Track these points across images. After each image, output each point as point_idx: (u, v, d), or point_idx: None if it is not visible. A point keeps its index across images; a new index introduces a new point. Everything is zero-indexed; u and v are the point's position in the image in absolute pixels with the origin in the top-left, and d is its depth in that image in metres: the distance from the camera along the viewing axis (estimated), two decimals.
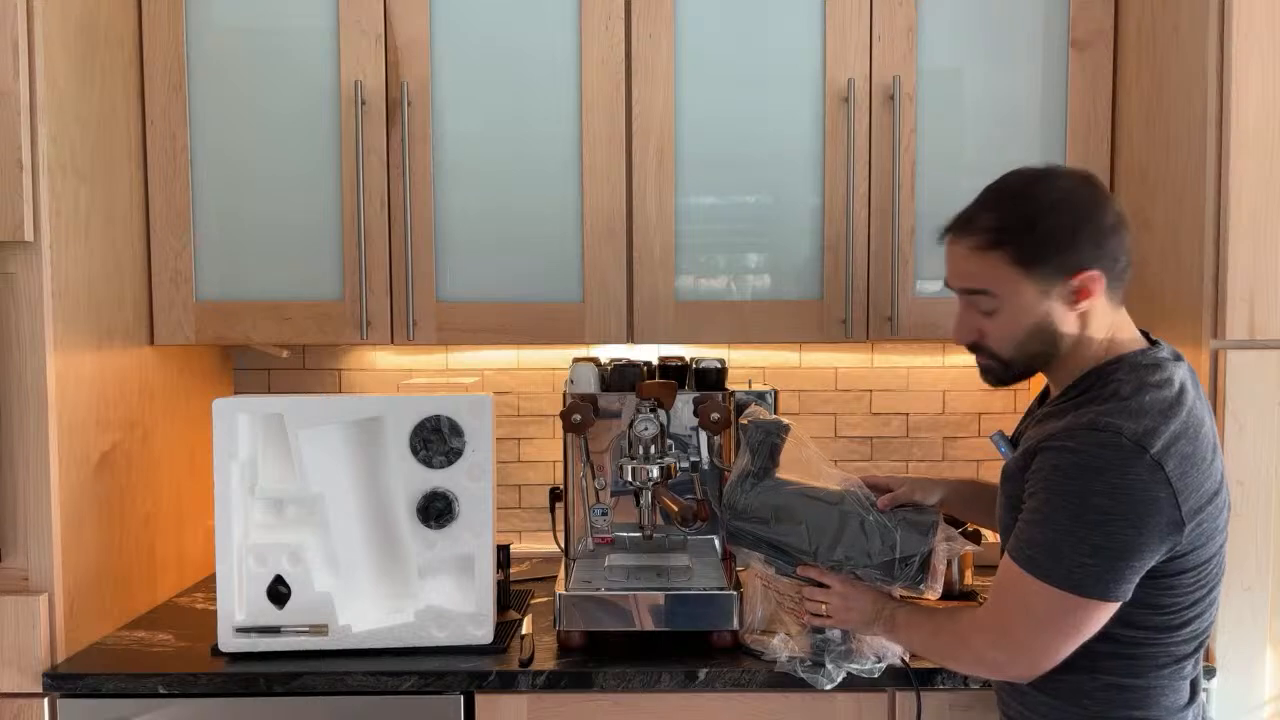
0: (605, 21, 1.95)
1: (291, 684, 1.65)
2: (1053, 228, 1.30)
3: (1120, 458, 1.20)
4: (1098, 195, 1.34)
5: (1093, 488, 1.21)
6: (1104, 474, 1.20)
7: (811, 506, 1.60)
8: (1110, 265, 1.31)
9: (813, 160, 1.98)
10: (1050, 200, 1.31)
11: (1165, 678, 1.32)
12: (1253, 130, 1.65)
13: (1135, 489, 1.20)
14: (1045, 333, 1.33)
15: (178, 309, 1.98)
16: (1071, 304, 1.31)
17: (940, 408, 2.35)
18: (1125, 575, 1.23)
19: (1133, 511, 1.20)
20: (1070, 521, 1.22)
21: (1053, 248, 1.30)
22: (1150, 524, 1.21)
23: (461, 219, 1.98)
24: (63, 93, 1.71)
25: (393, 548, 1.75)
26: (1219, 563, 1.32)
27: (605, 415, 1.90)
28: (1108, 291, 1.32)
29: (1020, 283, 1.31)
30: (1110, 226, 1.31)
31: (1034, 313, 1.32)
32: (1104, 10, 1.97)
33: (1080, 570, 1.22)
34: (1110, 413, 1.24)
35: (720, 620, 1.72)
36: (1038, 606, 1.26)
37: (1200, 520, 1.25)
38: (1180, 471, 1.22)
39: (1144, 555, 1.22)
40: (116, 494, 1.87)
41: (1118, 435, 1.21)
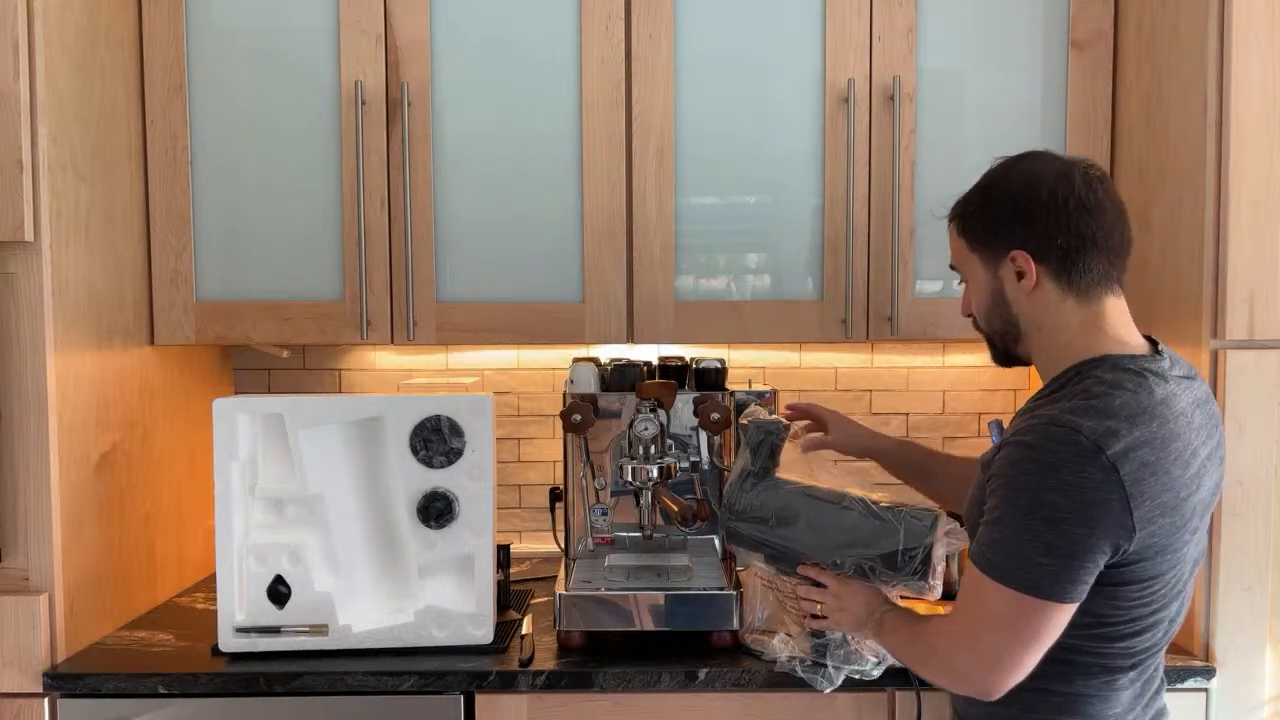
0: (605, 21, 1.95)
1: (291, 684, 1.65)
2: (991, 206, 1.33)
3: (1075, 455, 1.17)
4: (1046, 174, 1.30)
5: (1047, 483, 1.18)
6: (1058, 471, 1.18)
7: (812, 505, 1.60)
8: (1043, 244, 1.28)
9: (813, 160, 1.98)
10: (1003, 179, 1.34)
11: (1095, 688, 1.28)
12: (1253, 130, 1.65)
13: (1087, 487, 1.17)
14: (1002, 309, 1.35)
15: (178, 309, 1.98)
16: (1018, 283, 1.31)
17: (940, 408, 2.35)
18: (1079, 575, 1.20)
19: (1084, 510, 1.17)
20: (1025, 519, 1.20)
21: (987, 225, 1.33)
22: (1100, 524, 1.18)
23: (462, 219, 1.98)
24: (63, 93, 1.71)
25: (393, 548, 1.75)
26: (1173, 586, 1.27)
27: (605, 415, 1.90)
28: (1054, 275, 1.29)
29: (970, 259, 1.37)
30: (1044, 205, 1.28)
31: (989, 289, 1.35)
32: (1104, 10, 1.97)
33: (1036, 570, 1.19)
34: (1074, 410, 1.21)
35: (720, 620, 1.72)
36: (997, 609, 1.23)
37: (1153, 532, 1.21)
38: (1136, 477, 1.18)
39: (1095, 556, 1.19)
40: (116, 494, 1.87)
41: (1075, 433, 1.18)
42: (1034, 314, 1.32)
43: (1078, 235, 1.28)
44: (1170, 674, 1.67)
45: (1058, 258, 1.29)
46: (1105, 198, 1.30)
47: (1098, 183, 1.31)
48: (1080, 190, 1.29)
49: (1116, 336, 1.31)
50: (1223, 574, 1.69)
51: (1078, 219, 1.28)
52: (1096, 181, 1.31)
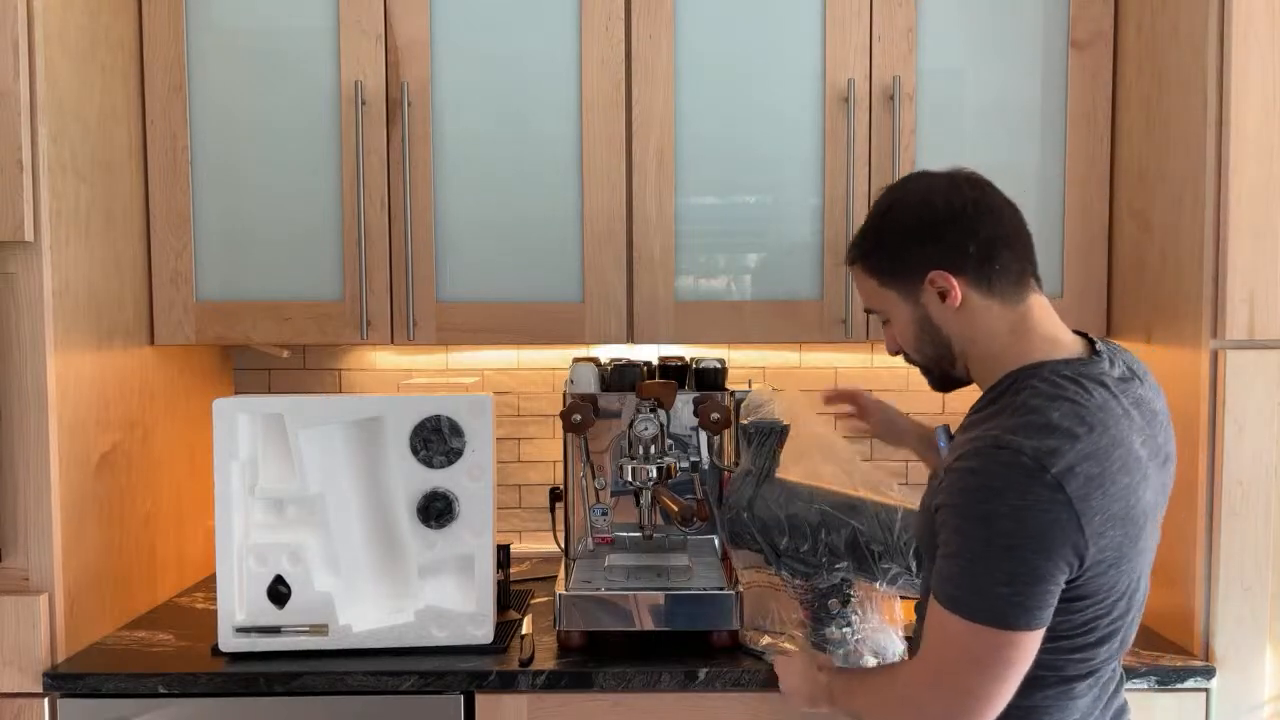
0: (605, 22, 1.95)
1: (291, 684, 1.65)
2: (888, 236, 1.31)
3: (1021, 478, 1.14)
4: (934, 190, 1.29)
5: (998, 510, 1.15)
6: (1005, 495, 1.14)
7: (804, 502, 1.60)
8: (956, 257, 1.26)
9: (813, 160, 1.98)
10: (887, 208, 1.32)
11: (1052, 699, 1.26)
12: (1253, 130, 1.65)
13: (1036, 509, 1.14)
14: (932, 335, 1.32)
15: (178, 309, 1.98)
16: (942, 303, 1.28)
17: (940, 408, 2.35)
18: (1044, 600, 1.16)
19: (1037, 533, 1.14)
20: (981, 548, 1.16)
21: (894, 256, 1.31)
22: (1054, 546, 1.14)
23: (462, 219, 1.98)
24: (63, 93, 1.71)
25: (393, 548, 1.75)
26: (1128, 592, 1.25)
27: (605, 415, 1.90)
28: (974, 284, 1.27)
29: (886, 295, 1.33)
30: (944, 219, 1.26)
31: (914, 319, 1.32)
32: (1104, 10, 1.97)
33: (1000, 601, 1.15)
34: (1014, 429, 1.18)
35: (720, 620, 1.72)
36: (967, 646, 1.18)
37: (1105, 546, 1.17)
38: (1083, 493, 1.15)
39: (1056, 577, 1.16)
40: (116, 494, 1.87)
41: (1018, 454, 1.15)
42: (964, 330, 1.30)
43: (986, 238, 1.26)
44: (1170, 674, 1.67)
45: (973, 266, 1.26)
46: (997, 197, 1.29)
47: (984, 185, 1.30)
48: (971, 195, 1.27)
49: (1048, 336, 1.28)
50: (1223, 574, 1.69)
51: (980, 222, 1.26)
52: (983, 184, 1.30)
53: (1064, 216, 1.99)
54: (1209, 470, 1.68)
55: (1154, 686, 1.67)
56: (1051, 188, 1.99)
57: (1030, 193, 2.00)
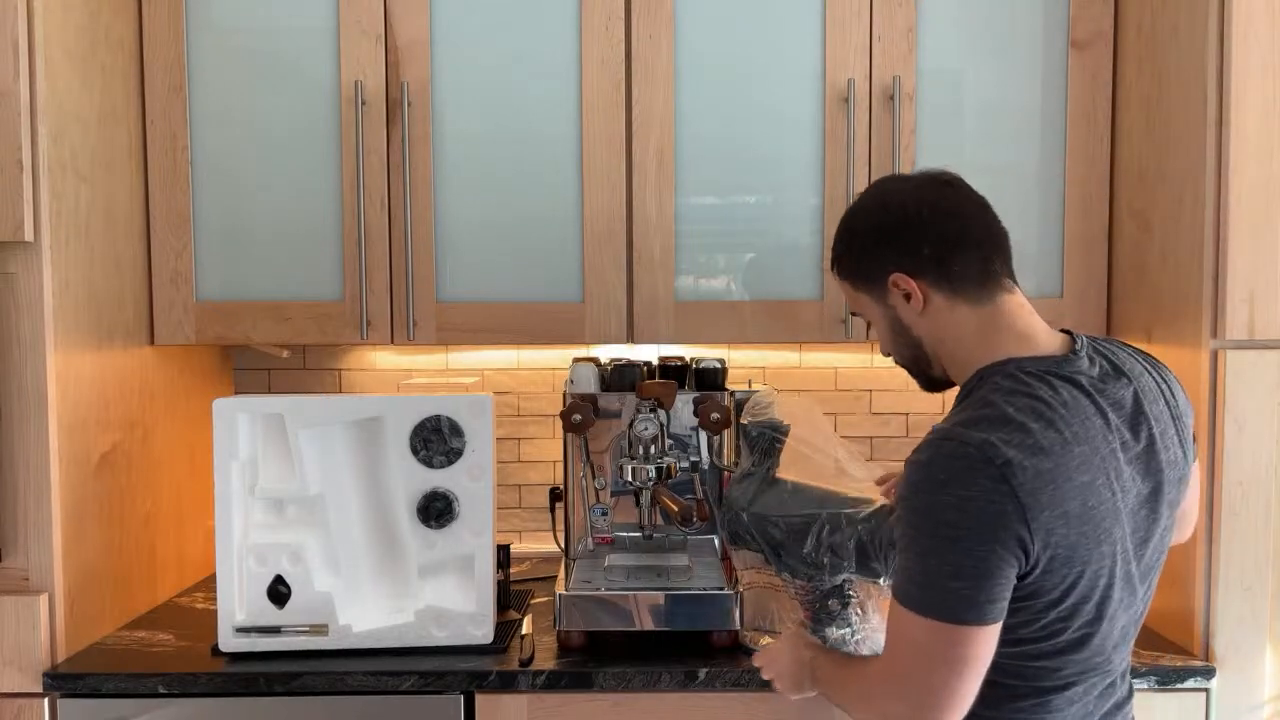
0: (605, 22, 1.95)
1: (291, 684, 1.65)
2: (857, 240, 1.33)
3: (965, 468, 1.13)
4: (896, 194, 1.30)
5: (942, 501, 1.14)
6: (949, 486, 1.13)
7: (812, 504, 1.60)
8: (914, 259, 1.27)
9: (813, 160, 1.98)
10: (852, 214, 1.35)
11: (1025, 711, 1.24)
12: (1253, 130, 1.65)
13: (980, 500, 1.12)
14: (904, 337, 1.33)
15: (178, 309, 1.98)
16: (908, 305, 1.29)
17: (940, 408, 2.35)
18: (995, 594, 1.14)
19: (981, 525, 1.12)
20: (929, 541, 1.15)
21: (859, 260, 1.33)
22: (1000, 538, 1.12)
23: (461, 219, 1.98)
24: (63, 93, 1.71)
25: (393, 548, 1.75)
26: (1096, 601, 1.20)
27: (605, 415, 1.90)
28: (935, 285, 1.27)
29: (860, 299, 1.36)
30: (898, 222, 1.28)
31: (886, 321, 1.34)
32: (1104, 10, 1.97)
33: (951, 596, 1.14)
34: (965, 422, 1.17)
35: (720, 620, 1.72)
36: (921, 642, 1.17)
37: (1055, 543, 1.15)
38: (1032, 487, 1.12)
39: (1004, 570, 1.14)
40: (116, 494, 1.87)
41: (964, 445, 1.13)
42: (932, 331, 1.30)
43: (942, 239, 1.26)
44: (1170, 674, 1.67)
45: (932, 267, 1.26)
46: (960, 197, 1.29)
47: (947, 186, 1.29)
48: (930, 198, 1.28)
49: (1020, 334, 1.26)
50: (1223, 574, 1.69)
51: (936, 224, 1.27)
52: (945, 185, 1.29)
53: (1064, 216, 1.99)
54: (1209, 470, 1.68)
55: (1154, 686, 1.67)
56: (1051, 188, 1.99)
57: (1030, 193, 2.00)
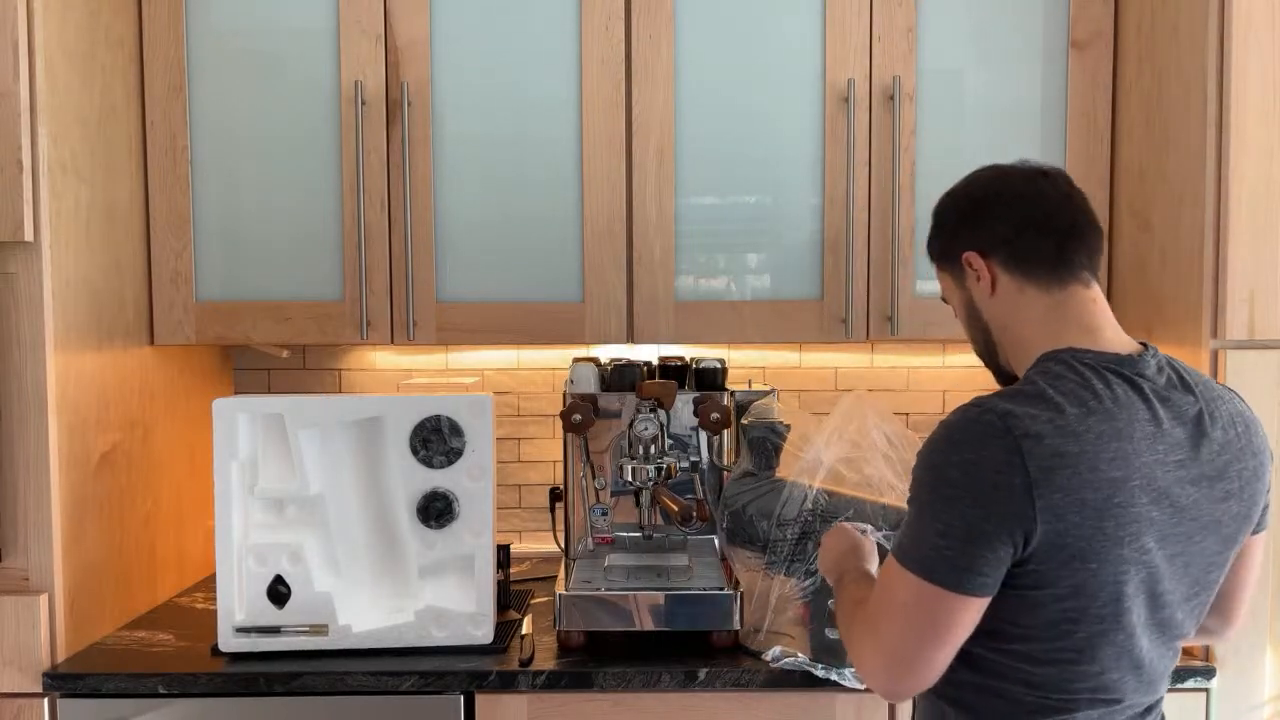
0: (605, 21, 1.95)
1: (291, 684, 1.65)
2: (942, 221, 1.35)
3: (980, 433, 1.11)
4: (983, 178, 1.31)
5: (949, 460, 1.13)
6: (960, 448, 1.12)
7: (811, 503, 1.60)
8: (987, 239, 1.26)
9: (813, 160, 1.98)
10: (949, 197, 1.35)
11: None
12: (1253, 130, 1.65)
13: (987, 468, 1.10)
14: (976, 319, 1.32)
15: (178, 309, 1.98)
16: (978, 286, 1.29)
17: (940, 408, 2.35)
18: (978, 565, 1.10)
19: (980, 491, 1.10)
20: (928, 496, 1.14)
21: (942, 240, 1.34)
22: (996, 510, 1.09)
23: (461, 219, 1.98)
24: (63, 93, 1.71)
25: (393, 548, 1.75)
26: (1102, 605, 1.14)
27: (605, 415, 1.90)
28: (1005, 267, 1.26)
29: (945, 280, 1.37)
30: (981, 202, 1.28)
31: (963, 304, 1.34)
32: (1104, 10, 1.97)
33: (933, 553, 1.12)
34: (1001, 394, 1.15)
35: (720, 620, 1.72)
36: (899, 596, 1.15)
37: (1062, 530, 1.10)
38: (1048, 466, 1.09)
39: (994, 545, 1.10)
40: (116, 494, 1.87)
41: (988, 412, 1.12)
42: (999, 314, 1.28)
43: (1017, 220, 1.25)
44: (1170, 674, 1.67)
45: (1002, 246, 1.26)
46: (1047, 185, 1.28)
47: (1040, 176, 1.28)
48: (1018, 184, 1.28)
49: (1085, 325, 1.23)
50: None
51: (1015, 206, 1.26)
52: (1038, 175, 1.29)
53: None
54: None
55: None
56: None
57: None
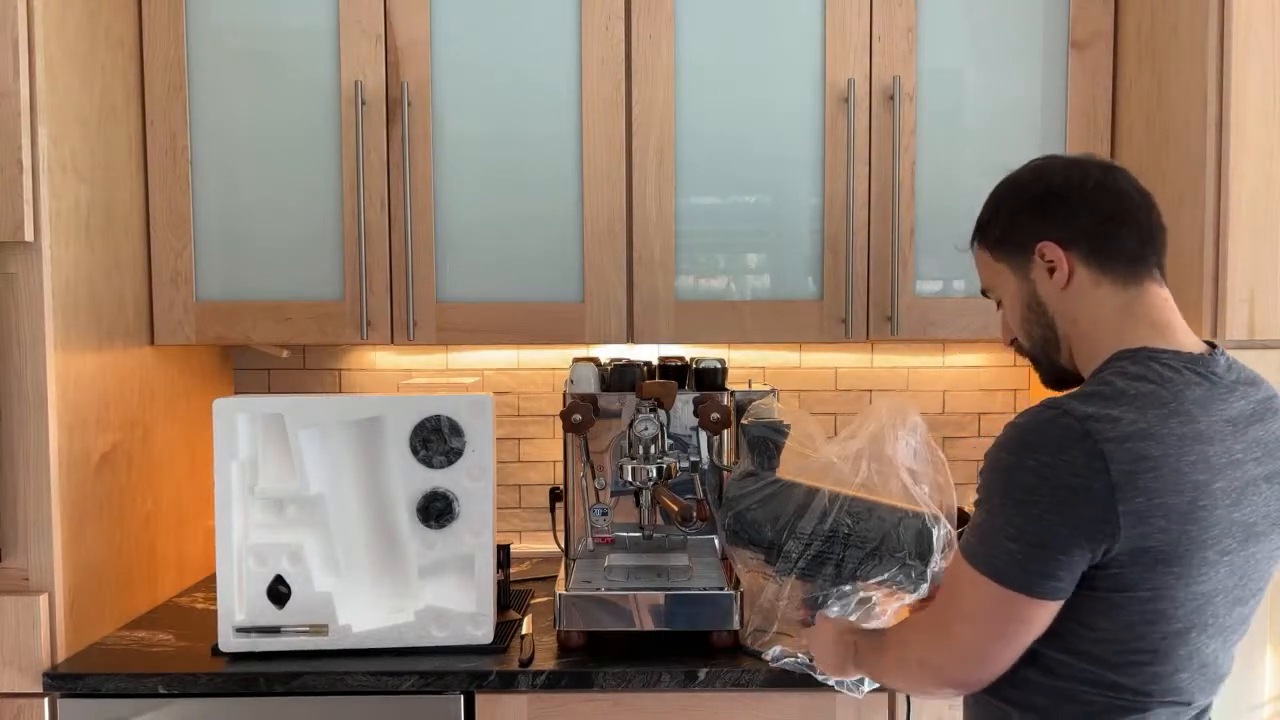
0: (605, 21, 1.95)
1: (291, 684, 1.65)
2: (1007, 206, 1.28)
3: (1059, 435, 1.08)
4: (1057, 165, 1.26)
5: (1024, 463, 1.09)
6: (1037, 451, 1.09)
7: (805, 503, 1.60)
8: (1069, 229, 1.21)
9: (813, 160, 1.98)
10: (1014, 182, 1.29)
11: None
12: (1253, 130, 1.65)
13: (1065, 471, 1.07)
14: (1039, 314, 1.26)
15: (178, 309, 1.98)
16: (1050, 279, 1.23)
17: (940, 408, 2.35)
18: (1051, 569, 1.09)
19: (1057, 495, 1.07)
20: (999, 498, 1.12)
21: (1008, 227, 1.27)
22: (1075, 514, 1.07)
23: (461, 219, 1.98)
24: (63, 93, 1.71)
25: (393, 548, 1.75)
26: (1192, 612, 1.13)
27: (605, 415, 1.90)
28: (1085, 260, 1.21)
29: (1001, 271, 1.29)
30: (1061, 191, 1.22)
31: (1023, 296, 1.27)
32: (1104, 10, 1.97)
33: (1004, 556, 1.10)
34: (1076, 395, 1.12)
35: (720, 620, 1.72)
36: (968, 596, 1.14)
37: (1147, 534, 1.08)
38: (1130, 469, 1.06)
39: (1070, 550, 1.08)
40: (116, 494, 1.87)
41: (1065, 415, 1.08)
42: (1069, 309, 1.23)
43: (1103, 212, 1.21)
44: None
45: (1086, 238, 1.21)
46: (1126, 179, 1.24)
47: (1116, 170, 1.25)
48: (1096, 174, 1.23)
49: (1158, 324, 1.20)
50: None
51: (1099, 197, 1.21)
52: (1114, 169, 1.26)
53: None
54: None
55: None
56: None
57: None
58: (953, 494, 1.60)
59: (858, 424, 1.68)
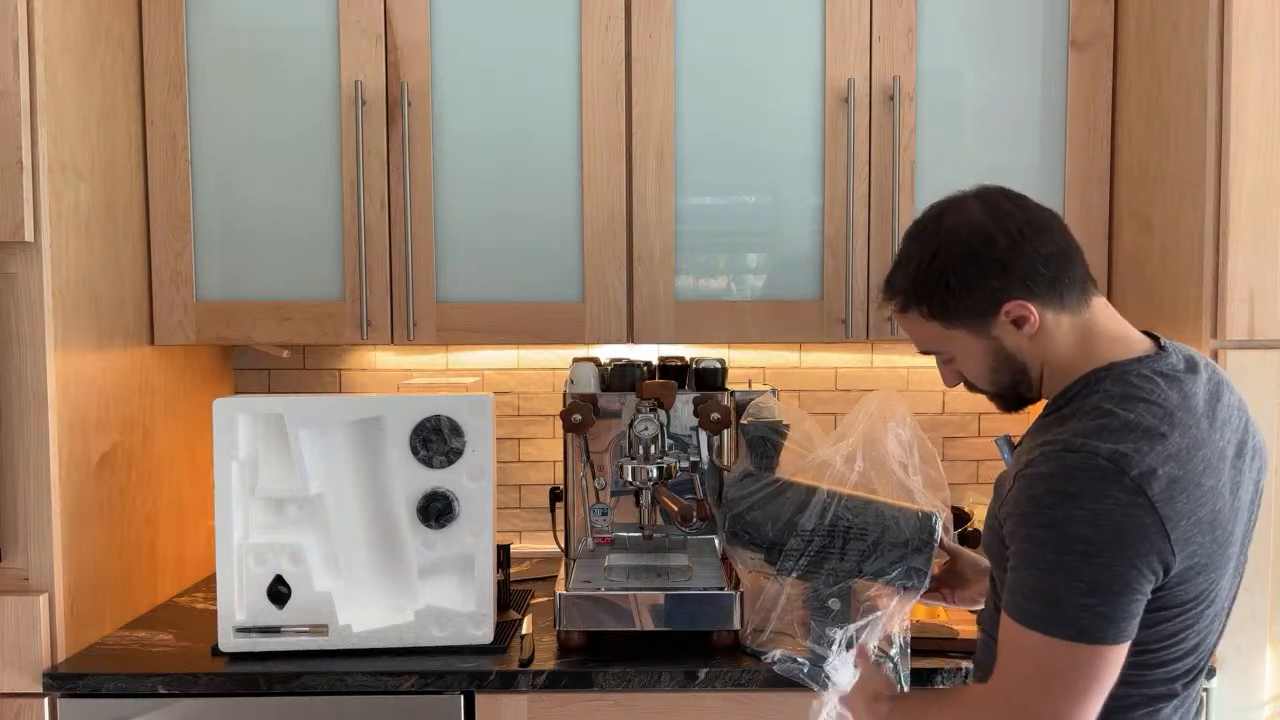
0: (605, 21, 1.95)
1: (291, 684, 1.65)
2: (947, 276, 1.22)
3: (1096, 480, 1.08)
4: (989, 219, 1.22)
5: (1072, 516, 1.08)
6: (1080, 499, 1.08)
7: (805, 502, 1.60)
8: (1031, 284, 1.20)
9: (813, 160, 1.98)
10: (935, 246, 1.24)
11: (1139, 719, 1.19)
12: (1253, 130, 1.65)
13: (1116, 514, 1.07)
14: (1007, 364, 1.25)
15: (178, 309, 1.98)
16: (1018, 331, 1.22)
17: (940, 408, 2.35)
18: (1130, 610, 1.09)
19: (1118, 540, 1.08)
20: (1057, 557, 1.09)
21: (956, 295, 1.22)
22: (1137, 552, 1.08)
23: (461, 219, 1.98)
24: (63, 93, 1.71)
25: (393, 548, 1.75)
26: (1213, 603, 1.18)
27: (605, 415, 1.90)
28: (1048, 304, 1.21)
29: (955, 336, 1.26)
30: (1010, 246, 1.20)
31: (985, 352, 1.26)
32: (1104, 10, 1.97)
33: (1084, 614, 1.08)
34: (1086, 432, 1.12)
35: (720, 620, 1.72)
36: (1048, 664, 1.10)
37: (1192, 552, 1.11)
38: (1167, 496, 1.08)
39: (1140, 585, 1.09)
40: (117, 494, 1.87)
41: (1093, 456, 1.09)
42: (1039, 351, 1.23)
43: (1047, 252, 1.21)
44: None
45: (1045, 284, 1.20)
46: (1034, 205, 1.25)
47: (1019, 198, 1.26)
48: (1018, 215, 1.22)
49: (1114, 336, 1.23)
50: None
51: (1040, 240, 1.21)
52: (1016, 198, 1.25)
53: (1064, 216, 1.97)
54: None
55: None
56: (1051, 187, 1.99)
57: (1030, 193, 1.96)
58: (945, 487, 1.60)
59: (849, 421, 1.68)
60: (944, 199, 1.29)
